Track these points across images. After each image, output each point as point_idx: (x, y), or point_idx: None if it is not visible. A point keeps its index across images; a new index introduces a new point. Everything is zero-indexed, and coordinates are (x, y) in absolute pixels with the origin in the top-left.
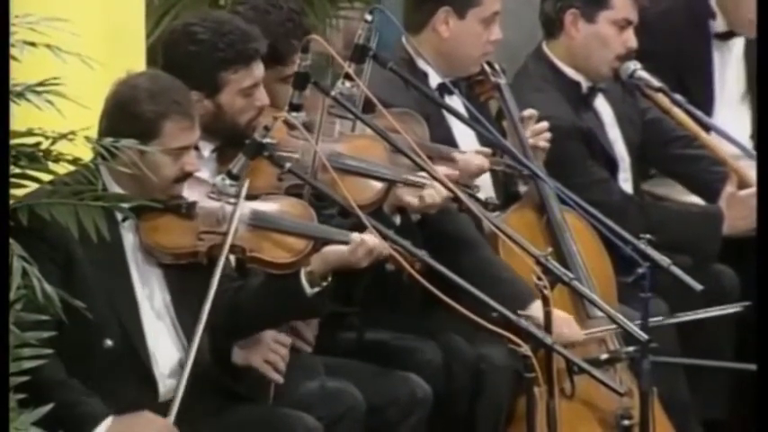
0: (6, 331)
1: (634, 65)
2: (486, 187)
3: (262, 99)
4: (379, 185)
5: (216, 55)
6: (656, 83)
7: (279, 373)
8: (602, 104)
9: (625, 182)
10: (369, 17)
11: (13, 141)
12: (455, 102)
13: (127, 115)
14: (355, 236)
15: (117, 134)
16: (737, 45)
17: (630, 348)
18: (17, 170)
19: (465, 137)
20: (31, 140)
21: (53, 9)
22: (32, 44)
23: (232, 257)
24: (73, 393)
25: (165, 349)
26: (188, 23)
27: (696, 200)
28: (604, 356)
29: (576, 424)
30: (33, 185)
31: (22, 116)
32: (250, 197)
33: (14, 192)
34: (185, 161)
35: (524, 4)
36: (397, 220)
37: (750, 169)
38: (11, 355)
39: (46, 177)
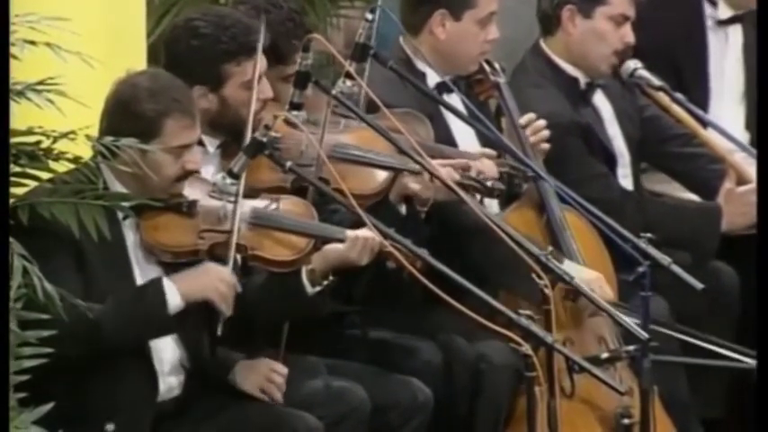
0: (7, 330)
1: (635, 64)
2: None
3: (265, 92)
4: (384, 174)
5: (219, 48)
6: (656, 81)
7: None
8: (601, 101)
9: (624, 178)
10: (369, 16)
11: (14, 140)
12: (454, 100)
13: (128, 114)
14: (350, 233)
15: (118, 133)
16: (737, 33)
17: (631, 347)
18: (17, 169)
19: (464, 136)
20: (31, 139)
21: (54, 8)
22: (33, 43)
23: (237, 256)
24: (113, 299)
25: (166, 347)
26: (190, 18)
27: (695, 197)
28: (605, 355)
29: (576, 423)
30: (34, 184)
31: (22, 115)
32: (256, 191)
33: (14, 190)
34: (186, 159)
35: (523, 2)
36: (403, 209)
37: (748, 165)
38: (11, 354)
39: (46, 176)
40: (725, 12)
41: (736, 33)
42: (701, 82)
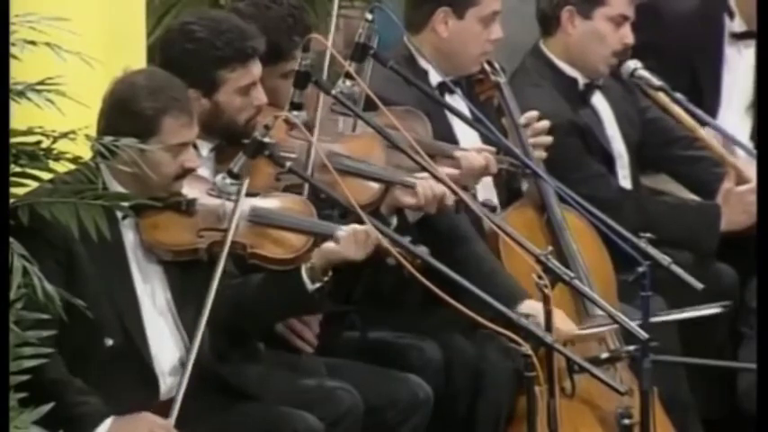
0: (7, 330)
1: (635, 63)
2: (487, 184)
3: (260, 98)
4: (375, 187)
5: (213, 53)
6: (656, 82)
7: None
8: (600, 102)
9: (624, 179)
10: (369, 16)
11: (14, 140)
12: (456, 101)
13: (126, 113)
14: (341, 232)
15: (116, 132)
16: (750, 48)
17: (631, 347)
18: (17, 169)
19: (467, 134)
20: (31, 139)
21: (54, 8)
22: (33, 43)
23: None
24: (74, 393)
25: (167, 347)
26: (185, 22)
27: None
28: (605, 355)
29: (576, 423)
30: (34, 184)
31: (22, 115)
32: (248, 195)
33: (15, 190)
34: (185, 158)
35: (526, 2)
36: (394, 221)
37: (748, 166)
38: (11, 354)
39: (46, 176)
40: (740, 26)
41: (749, 48)
42: (714, 90)
